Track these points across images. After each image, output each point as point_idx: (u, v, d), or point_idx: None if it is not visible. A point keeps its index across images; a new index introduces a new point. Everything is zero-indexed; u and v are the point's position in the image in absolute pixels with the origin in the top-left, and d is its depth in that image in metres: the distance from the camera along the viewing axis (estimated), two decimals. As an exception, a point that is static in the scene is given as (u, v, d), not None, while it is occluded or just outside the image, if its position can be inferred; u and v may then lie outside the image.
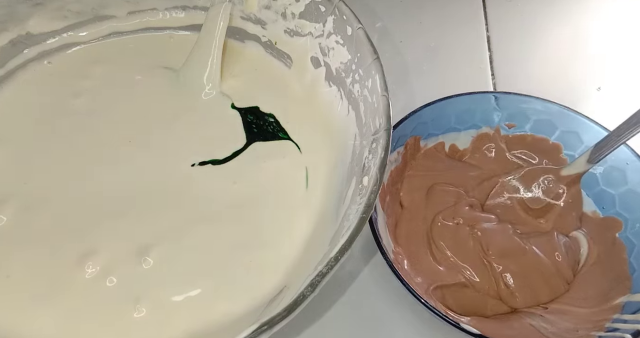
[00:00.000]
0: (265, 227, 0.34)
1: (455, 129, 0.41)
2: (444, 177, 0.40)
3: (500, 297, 0.35)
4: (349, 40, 0.35)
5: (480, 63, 0.51)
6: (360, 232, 0.26)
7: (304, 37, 0.39)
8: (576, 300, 0.35)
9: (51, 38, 0.41)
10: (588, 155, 0.36)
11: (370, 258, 0.38)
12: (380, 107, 0.30)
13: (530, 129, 0.41)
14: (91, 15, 0.41)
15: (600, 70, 0.51)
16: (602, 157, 0.35)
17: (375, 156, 0.29)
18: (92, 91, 0.40)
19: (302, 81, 0.41)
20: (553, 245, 0.36)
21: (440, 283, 0.35)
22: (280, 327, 0.23)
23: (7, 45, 0.39)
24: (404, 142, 0.39)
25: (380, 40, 0.51)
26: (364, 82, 0.33)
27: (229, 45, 0.43)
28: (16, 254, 0.32)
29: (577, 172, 0.37)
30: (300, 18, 0.38)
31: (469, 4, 0.56)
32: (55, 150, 0.36)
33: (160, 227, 0.33)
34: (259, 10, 0.40)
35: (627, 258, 0.35)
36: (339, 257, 0.25)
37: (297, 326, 0.35)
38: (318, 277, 0.24)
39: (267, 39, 0.42)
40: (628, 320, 0.32)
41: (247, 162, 0.37)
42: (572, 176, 0.38)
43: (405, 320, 0.36)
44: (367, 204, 0.27)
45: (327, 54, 0.38)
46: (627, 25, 0.55)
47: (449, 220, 0.37)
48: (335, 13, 0.35)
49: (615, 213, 0.37)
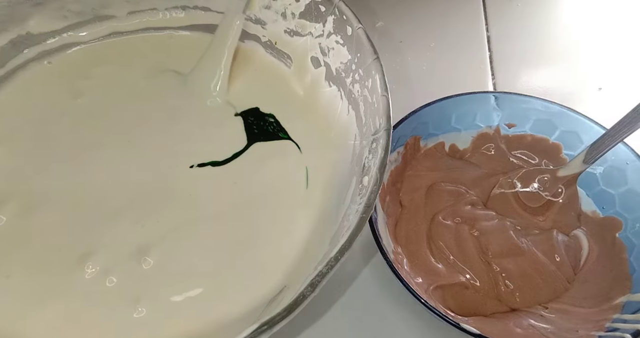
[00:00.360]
0: (265, 226, 0.34)
1: (455, 129, 0.41)
2: (445, 176, 0.40)
3: (500, 297, 0.35)
4: (349, 40, 0.35)
5: (480, 63, 0.51)
6: (360, 232, 0.26)
7: (304, 37, 0.39)
8: (576, 299, 0.35)
9: (51, 38, 0.41)
10: (583, 155, 0.36)
11: (370, 258, 0.38)
12: (380, 107, 0.30)
13: (530, 129, 0.41)
14: (91, 15, 0.41)
15: (600, 70, 0.51)
16: (598, 157, 0.35)
17: (375, 156, 0.29)
18: (92, 91, 0.40)
19: (302, 81, 0.41)
20: (552, 244, 0.36)
21: (440, 283, 0.35)
22: (280, 327, 0.23)
23: (7, 45, 0.39)
24: (404, 142, 0.39)
25: (380, 40, 0.52)
26: (364, 82, 0.33)
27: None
28: (16, 254, 0.32)
29: (574, 172, 0.37)
30: (300, 18, 0.38)
31: (469, 4, 0.56)
32: (55, 150, 0.36)
33: (160, 227, 0.33)
34: (259, 10, 0.40)
35: (627, 258, 0.35)
36: (339, 257, 0.25)
37: (297, 326, 0.35)
38: (318, 277, 0.24)
39: (267, 39, 0.42)
40: (628, 320, 0.32)
41: (248, 162, 0.37)
42: (569, 177, 0.38)
43: (405, 320, 0.36)
44: (367, 204, 0.27)
45: (327, 54, 0.38)
46: (627, 25, 0.55)
47: (448, 220, 0.37)
48: (335, 13, 0.35)
49: (615, 213, 0.37)
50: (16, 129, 0.37)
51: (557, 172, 0.38)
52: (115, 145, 0.37)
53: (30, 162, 0.36)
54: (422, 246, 0.36)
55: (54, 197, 0.34)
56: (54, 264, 0.32)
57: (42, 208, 0.34)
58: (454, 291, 0.35)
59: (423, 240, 0.37)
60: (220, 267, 0.32)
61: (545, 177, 0.39)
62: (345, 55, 0.36)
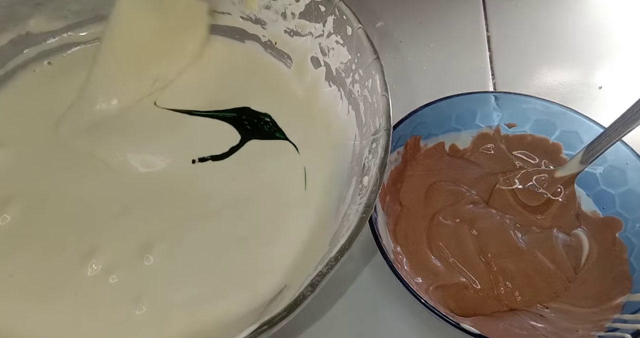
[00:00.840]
0: (265, 226, 0.34)
1: (455, 129, 0.41)
2: (445, 176, 0.40)
3: (500, 297, 0.35)
4: (349, 40, 0.35)
5: (480, 63, 0.51)
6: (360, 232, 0.26)
7: (304, 37, 0.39)
8: (576, 299, 0.35)
9: (51, 38, 0.41)
10: (580, 156, 0.36)
11: (370, 258, 0.38)
12: (380, 107, 0.30)
13: (530, 129, 0.41)
14: (91, 15, 0.41)
15: (600, 70, 0.51)
16: (595, 157, 0.35)
17: (375, 156, 0.29)
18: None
19: (302, 81, 0.41)
20: (552, 244, 0.36)
21: (440, 283, 0.35)
22: (280, 327, 0.23)
23: (7, 45, 0.39)
24: (404, 142, 0.39)
25: (380, 40, 0.52)
26: (364, 82, 0.33)
27: (225, 44, 0.43)
28: (19, 253, 0.32)
29: (571, 173, 0.37)
30: (300, 18, 0.38)
31: (469, 4, 0.56)
32: (57, 149, 0.37)
33: (161, 225, 0.34)
34: (259, 10, 0.40)
35: (627, 258, 0.35)
36: (339, 257, 0.25)
37: (297, 326, 0.35)
38: (318, 277, 0.24)
39: (267, 39, 0.42)
40: (628, 320, 0.32)
41: (245, 159, 0.37)
42: (567, 177, 0.38)
43: (405, 320, 0.36)
44: (367, 204, 0.27)
45: (327, 54, 0.38)
46: (628, 25, 0.55)
47: (448, 220, 0.37)
48: (335, 13, 0.35)
49: (615, 213, 0.37)
50: (16, 129, 0.37)
51: (555, 173, 0.38)
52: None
53: (34, 161, 0.36)
54: (422, 246, 0.37)
55: (56, 196, 0.34)
56: (56, 262, 0.32)
57: (45, 207, 0.34)
58: (454, 291, 0.35)
59: (423, 240, 0.37)
60: (220, 266, 0.32)
61: (543, 177, 0.39)
62: (345, 55, 0.35)
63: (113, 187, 0.35)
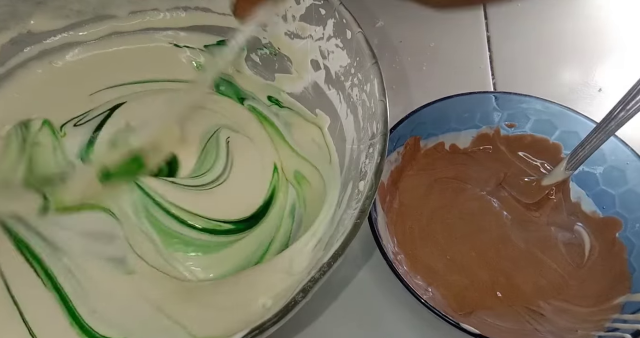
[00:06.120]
0: (259, 229, 0.35)
1: (455, 129, 0.41)
2: (445, 175, 0.40)
3: (499, 295, 0.35)
4: (348, 43, 0.35)
5: (480, 63, 0.51)
6: (354, 238, 0.25)
7: (304, 40, 0.39)
8: (576, 299, 0.35)
9: (52, 37, 0.41)
10: (564, 163, 0.36)
11: (369, 258, 0.38)
12: (377, 112, 0.30)
13: (530, 129, 0.41)
14: (92, 14, 0.41)
15: (600, 71, 0.51)
16: (579, 164, 0.36)
17: (372, 161, 0.29)
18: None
19: (302, 84, 0.41)
20: (552, 241, 0.36)
21: (440, 282, 0.35)
22: (271, 332, 0.23)
23: (8, 44, 0.38)
24: (404, 142, 0.39)
25: (380, 41, 0.51)
26: (362, 86, 0.33)
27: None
28: None
29: (557, 180, 0.37)
30: (300, 21, 0.38)
31: (469, 3, 0.56)
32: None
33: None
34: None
35: (627, 258, 0.36)
36: (332, 262, 0.24)
37: (297, 326, 0.35)
38: (310, 283, 0.24)
39: (267, 41, 0.42)
40: (628, 320, 0.32)
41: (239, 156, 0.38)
42: (553, 184, 0.38)
43: (405, 320, 0.36)
44: (361, 210, 0.26)
45: (326, 57, 0.37)
46: (628, 25, 0.55)
47: (448, 219, 0.37)
48: (335, 16, 0.35)
49: (615, 213, 0.37)
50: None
51: (542, 182, 0.38)
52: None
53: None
54: (422, 245, 0.37)
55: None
56: None
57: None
58: (454, 290, 0.35)
59: (423, 239, 0.37)
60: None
61: (530, 180, 0.39)
62: (344, 59, 0.35)
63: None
